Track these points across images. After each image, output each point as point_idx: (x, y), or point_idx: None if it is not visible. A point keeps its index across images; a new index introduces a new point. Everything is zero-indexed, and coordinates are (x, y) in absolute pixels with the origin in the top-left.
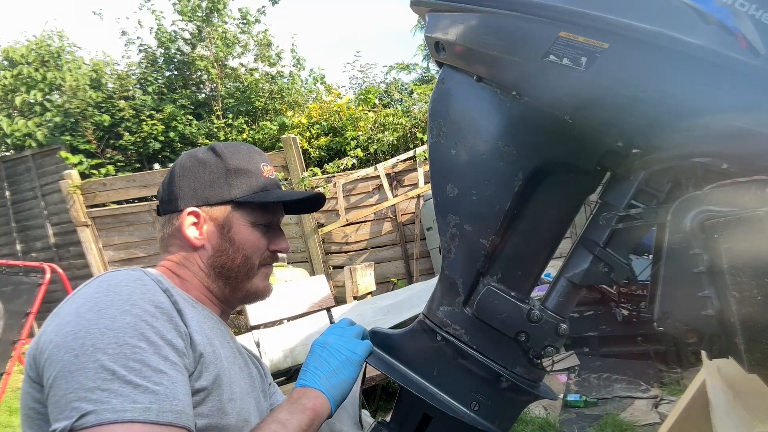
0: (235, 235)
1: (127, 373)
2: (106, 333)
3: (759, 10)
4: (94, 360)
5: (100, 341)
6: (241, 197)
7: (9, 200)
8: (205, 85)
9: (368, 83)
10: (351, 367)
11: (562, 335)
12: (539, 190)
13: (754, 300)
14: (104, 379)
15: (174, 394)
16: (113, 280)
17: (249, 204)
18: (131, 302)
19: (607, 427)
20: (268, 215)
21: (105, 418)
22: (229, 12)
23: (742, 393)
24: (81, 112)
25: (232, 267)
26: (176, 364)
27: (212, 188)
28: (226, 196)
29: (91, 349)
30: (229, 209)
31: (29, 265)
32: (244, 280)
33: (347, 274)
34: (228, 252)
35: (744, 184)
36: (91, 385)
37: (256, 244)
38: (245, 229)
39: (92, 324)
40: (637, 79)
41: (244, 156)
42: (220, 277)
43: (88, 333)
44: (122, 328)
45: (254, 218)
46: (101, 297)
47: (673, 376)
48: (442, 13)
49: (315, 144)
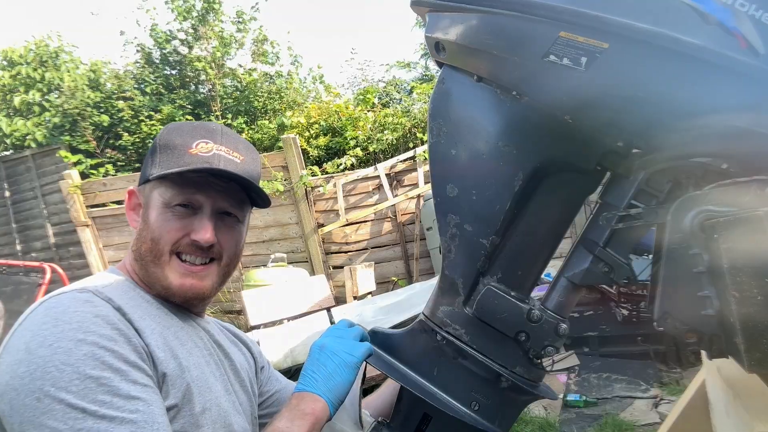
0: (149, 215)
1: (99, 408)
2: (64, 370)
3: (759, 10)
4: (59, 401)
5: (60, 380)
6: (158, 172)
7: (9, 200)
8: (203, 85)
9: (367, 82)
10: (348, 370)
11: (562, 335)
12: (539, 190)
13: (754, 300)
14: (76, 418)
15: (153, 418)
16: (60, 306)
17: (164, 182)
18: (84, 329)
19: (607, 427)
20: (184, 194)
21: None
22: (224, 11)
23: (742, 393)
24: (80, 112)
25: (141, 250)
26: (147, 386)
27: (144, 167)
28: (147, 174)
29: (53, 390)
30: (149, 188)
31: (29, 265)
32: (153, 267)
33: (347, 274)
34: (142, 233)
35: (744, 184)
36: (64, 427)
37: (164, 225)
38: (157, 210)
39: (47, 362)
40: (637, 79)
41: (181, 133)
42: (136, 262)
43: (45, 372)
44: (81, 361)
45: (167, 198)
46: (50, 329)
47: (673, 376)
48: (442, 13)
49: (314, 144)
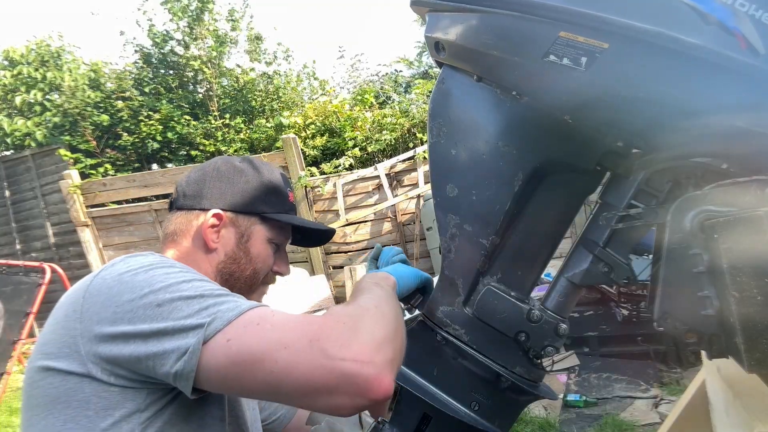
0: (252, 246)
1: (213, 290)
2: (167, 279)
3: (759, 10)
4: (178, 299)
5: (171, 285)
6: (269, 213)
7: (9, 200)
8: (201, 85)
9: (362, 79)
10: (415, 277)
11: (562, 335)
12: (539, 190)
13: (754, 300)
14: (197, 301)
15: None
16: (129, 258)
17: (272, 221)
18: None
19: (607, 427)
20: (282, 236)
21: (231, 315)
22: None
23: (742, 393)
24: (80, 112)
25: (240, 277)
26: None
27: (243, 197)
28: (255, 209)
29: (170, 296)
30: (254, 221)
31: (29, 265)
32: (245, 292)
33: (347, 274)
34: (241, 261)
35: (744, 184)
36: (190, 309)
37: (266, 260)
38: (261, 244)
39: (148, 277)
40: (637, 79)
41: (277, 176)
42: (225, 284)
43: (151, 286)
44: (179, 275)
45: (272, 236)
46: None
47: (672, 376)
48: (442, 12)
49: (311, 144)
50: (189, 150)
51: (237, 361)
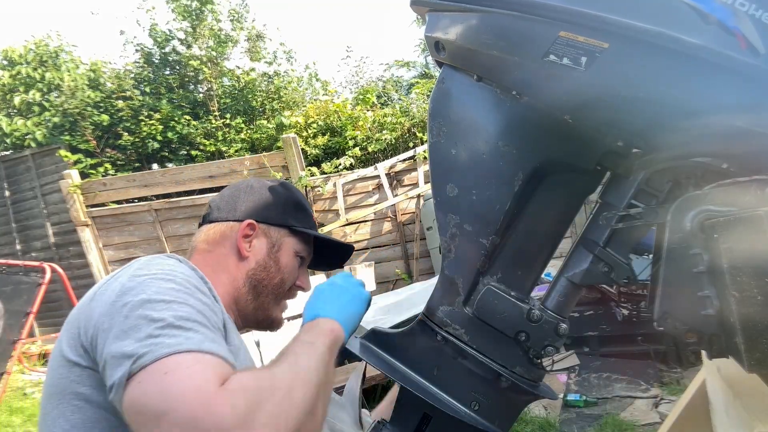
0: (281, 257)
1: (176, 321)
2: (159, 292)
3: (759, 10)
4: (143, 317)
5: (148, 300)
6: (298, 227)
7: (9, 200)
8: (201, 85)
9: (365, 80)
10: (360, 303)
11: (562, 335)
12: (539, 190)
13: (754, 300)
14: (155, 327)
15: (221, 343)
16: (154, 259)
17: (300, 235)
18: (173, 274)
19: (607, 427)
20: (306, 251)
21: (161, 353)
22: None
23: (742, 393)
24: (80, 112)
25: (268, 285)
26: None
27: (275, 210)
28: (286, 221)
29: (139, 307)
30: (284, 233)
31: (29, 265)
32: (271, 301)
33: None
34: (270, 270)
35: (744, 183)
36: (144, 333)
37: (293, 271)
38: (289, 256)
39: (140, 287)
40: (638, 79)
41: (304, 199)
42: (253, 291)
43: (138, 291)
44: (168, 292)
45: (299, 249)
46: (144, 270)
47: (673, 376)
48: (442, 12)
49: (312, 143)
50: (189, 150)
51: (133, 406)
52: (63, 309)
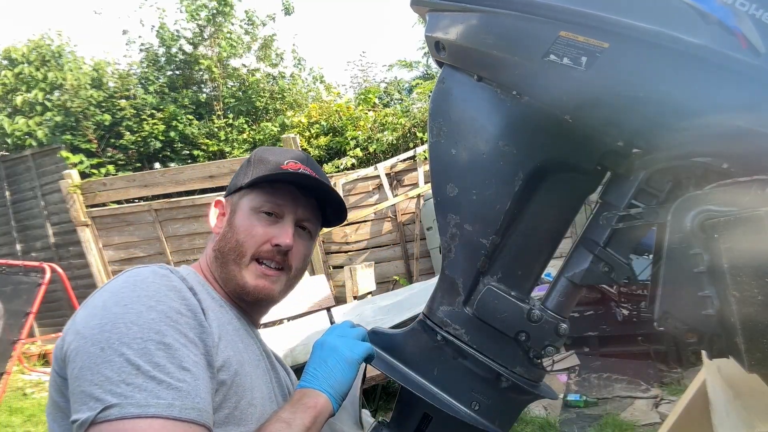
0: (236, 219)
1: (151, 369)
2: (131, 328)
3: (759, 10)
4: (119, 354)
5: (125, 335)
6: (248, 181)
7: (9, 200)
8: (206, 85)
9: (369, 82)
10: (348, 367)
11: (562, 335)
12: (539, 190)
13: (755, 300)
14: (129, 373)
15: (196, 391)
16: (140, 275)
17: (254, 190)
18: (157, 298)
19: (607, 427)
20: (271, 202)
21: (128, 412)
22: (235, 13)
23: (742, 393)
24: (82, 111)
25: (226, 251)
26: (198, 363)
27: (236, 178)
28: (239, 183)
29: (117, 343)
30: (240, 194)
31: (29, 265)
32: (232, 266)
33: (347, 274)
34: (227, 235)
35: (744, 183)
36: (116, 378)
37: (250, 230)
38: (244, 214)
39: (118, 318)
40: (638, 79)
41: (275, 153)
42: (216, 260)
43: (114, 327)
44: (148, 324)
45: (257, 204)
46: (127, 292)
47: (673, 376)
48: (442, 12)
49: (315, 143)
50: (191, 150)
51: None
52: (63, 309)
